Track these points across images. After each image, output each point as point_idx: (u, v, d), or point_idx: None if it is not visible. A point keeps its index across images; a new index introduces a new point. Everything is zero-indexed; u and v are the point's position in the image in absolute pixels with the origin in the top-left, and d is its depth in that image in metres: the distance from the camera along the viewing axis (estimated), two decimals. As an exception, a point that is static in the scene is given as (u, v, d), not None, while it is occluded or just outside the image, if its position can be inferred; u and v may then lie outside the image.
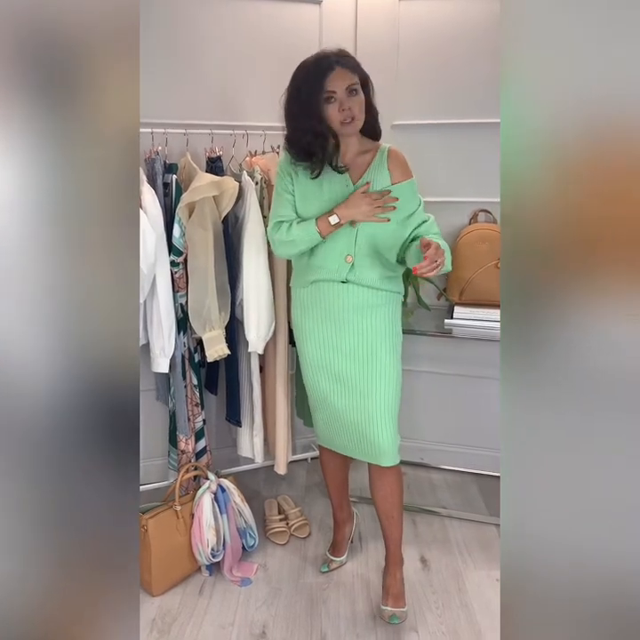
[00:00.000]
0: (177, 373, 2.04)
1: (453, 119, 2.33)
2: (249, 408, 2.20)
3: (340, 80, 1.56)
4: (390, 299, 1.74)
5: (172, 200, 1.94)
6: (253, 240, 1.96)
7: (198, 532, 1.92)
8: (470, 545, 2.15)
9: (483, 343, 2.30)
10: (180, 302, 2.00)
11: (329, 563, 2.03)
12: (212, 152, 2.05)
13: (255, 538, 2.08)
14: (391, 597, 1.79)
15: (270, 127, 2.12)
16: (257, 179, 2.01)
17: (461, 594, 1.92)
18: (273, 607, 1.86)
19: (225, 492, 2.00)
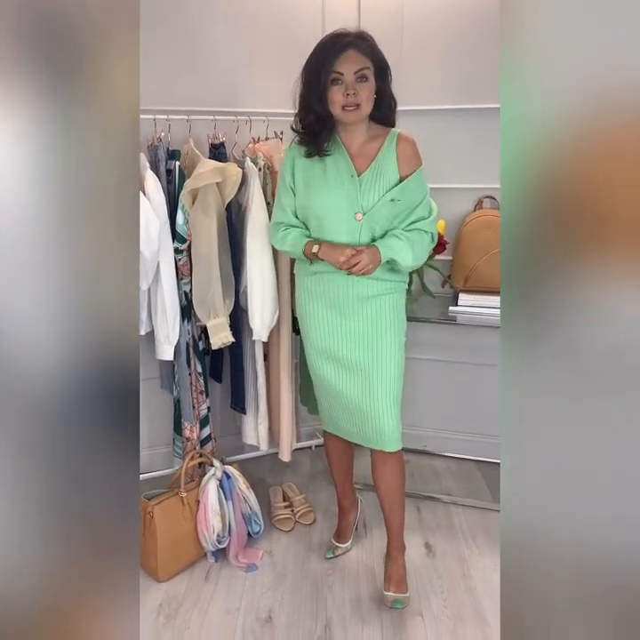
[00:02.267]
0: (181, 361, 2.04)
1: (458, 105, 2.30)
2: (253, 396, 2.20)
3: (350, 62, 1.50)
4: (394, 288, 1.73)
5: (176, 187, 1.93)
6: (257, 227, 1.95)
7: (204, 519, 1.93)
8: (474, 531, 2.16)
9: (487, 330, 2.30)
10: (184, 290, 1.99)
11: (334, 549, 2.04)
12: (215, 138, 2.04)
13: (260, 524, 2.09)
14: (393, 583, 1.80)
15: (273, 113, 2.11)
16: (260, 165, 1.99)
17: (466, 579, 1.93)
18: (278, 592, 1.88)
19: (230, 478, 2.00)
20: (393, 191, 1.61)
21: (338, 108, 1.54)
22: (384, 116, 1.65)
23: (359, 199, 1.61)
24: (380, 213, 1.61)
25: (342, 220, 1.62)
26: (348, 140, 1.65)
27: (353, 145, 1.64)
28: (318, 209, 1.64)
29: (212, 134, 2.04)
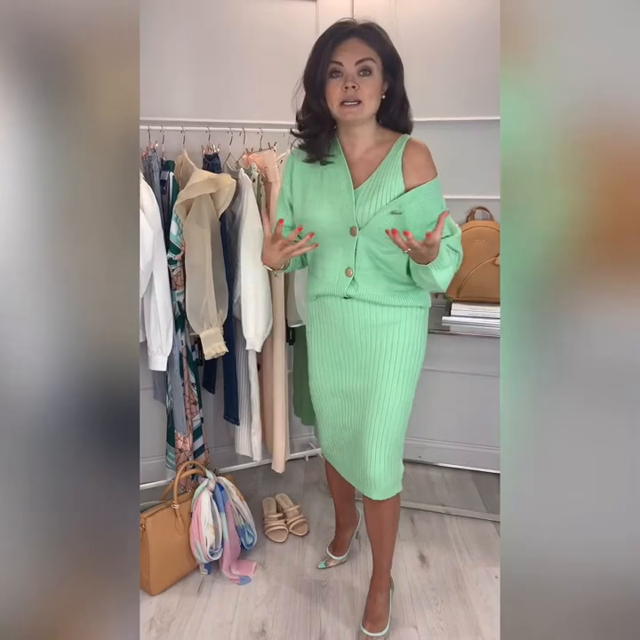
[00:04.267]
0: (175, 371, 2.03)
1: (450, 117, 2.33)
2: (247, 406, 2.20)
3: (351, 51, 1.30)
4: (406, 315, 1.52)
5: (170, 197, 1.93)
6: (251, 237, 1.96)
7: (197, 531, 1.91)
8: (468, 542, 2.15)
9: (481, 340, 2.31)
10: (178, 300, 1.99)
11: (327, 560, 2.02)
12: (209, 149, 2.04)
13: (254, 536, 2.07)
14: (369, 621, 1.72)
15: (267, 125, 2.12)
16: (254, 176, 2.00)
17: (460, 590, 1.92)
18: (272, 605, 1.86)
19: (223, 490, 1.99)
20: (394, 202, 1.41)
21: (336, 104, 1.35)
22: (393, 118, 1.46)
23: (354, 212, 1.44)
24: (379, 228, 1.41)
25: (337, 236, 1.48)
26: (349, 145, 1.47)
27: (355, 151, 1.47)
28: (312, 222, 1.49)
29: (205, 145, 2.05)
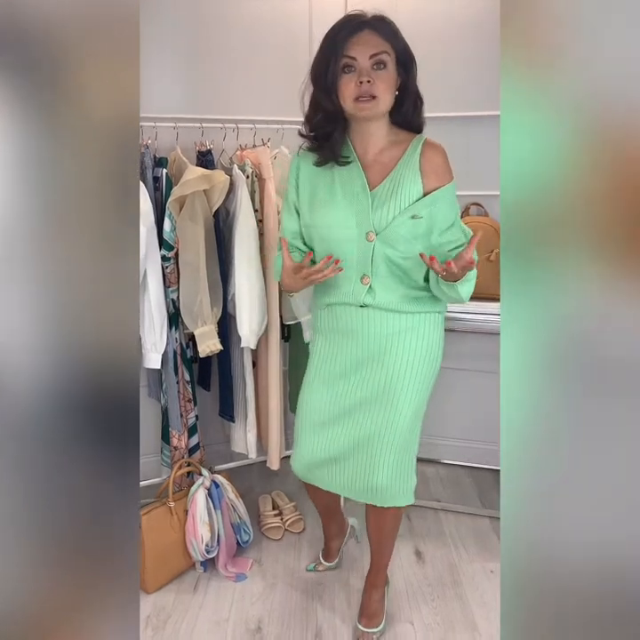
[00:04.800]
0: (169, 369, 2.02)
1: (443, 112, 2.32)
2: (242, 404, 2.19)
3: (364, 45, 1.25)
4: (422, 320, 1.48)
5: (163, 194, 1.92)
6: (245, 234, 1.95)
7: (192, 528, 1.91)
8: (464, 537, 2.16)
9: (476, 336, 2.30)
10: (172, 297, 1.98)
11: (317, 564, 1.99)
12: (203, 146, 2.03)
13: (250, 533, 2.07)
14: (364, 617, 1.72)
15: (261, 121, 2.11)
16: (248, 172, 1.99)
17: (456, 585, 1.92)
18: (268, 602, 1.86)
19: (219, 487, 1.99)
20: (414, 206, 1.36)
21: (350, 101, 1.29)
22: (407, 116, 1.41)
23: (371, 216, 1.37)
24: (398, 233, 1.37)
25: (351, 241, 1.40)
26: (362, 145, 1.42)
27: (368, 152, 1.41)
28: (323, 228, 1.42)
29: (199, 141, 2.04)
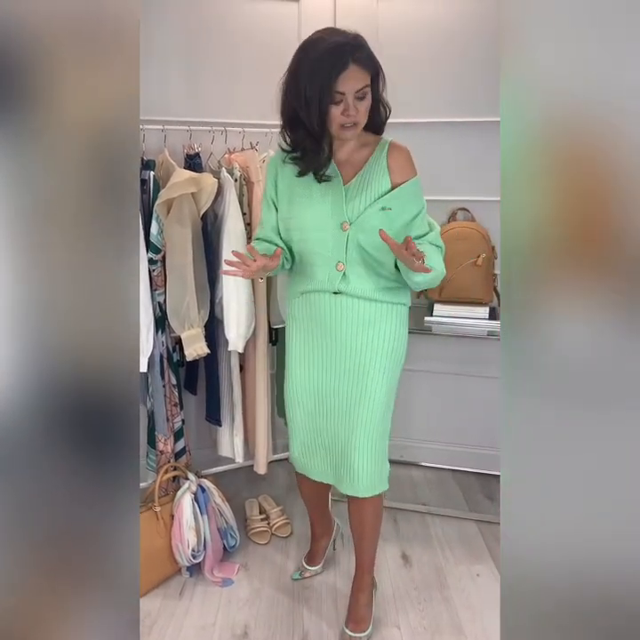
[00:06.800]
0: (155, 373, 2.01)
1: (431, 118, 2.34)
2: (229, 408, 2.18)
3: (352, 81, 1.41)
4: (391, 311, 1.59)
5: (150, 197, 1.91)
6: (233, 237, 1.95)
7: (178, 533, 1.90)
8: (451, 541, 2.17)
9: (462, 340, 2.32)
10: (159, 300, 1.97)
11: (303, 571, 1.99)
12: (191, 149, 2.03)
13: (236, 538, 2.06)
14: (352, 621, 1.72)
15: (249, 124, 2.12)
16: (236, 175, 1.99)
17: (442, 589, 1.93)
18: (255, 607, 1.85)
19: (205, 492, 1.98)
20: (383, 199, 1.51)
21: (336, 127, 1.47)
22: (374, 123, 1.57)
23: (344, 207, 1.51)
24: (370, 223, 1.50)
25: (327, 231, 1.53)
26: (336, 147, 1.57)
27: (341, 153, 1.57)
28: (301, 219, 1.55)
29: (187, 144, 2.03)
